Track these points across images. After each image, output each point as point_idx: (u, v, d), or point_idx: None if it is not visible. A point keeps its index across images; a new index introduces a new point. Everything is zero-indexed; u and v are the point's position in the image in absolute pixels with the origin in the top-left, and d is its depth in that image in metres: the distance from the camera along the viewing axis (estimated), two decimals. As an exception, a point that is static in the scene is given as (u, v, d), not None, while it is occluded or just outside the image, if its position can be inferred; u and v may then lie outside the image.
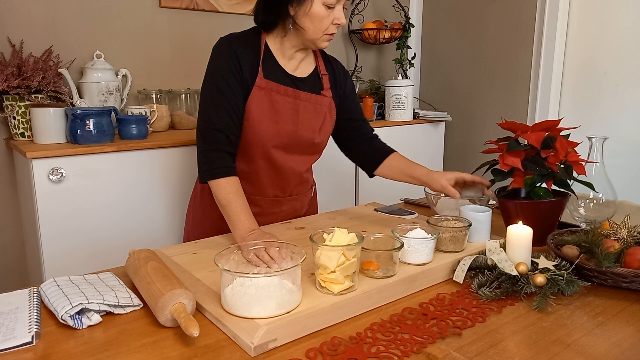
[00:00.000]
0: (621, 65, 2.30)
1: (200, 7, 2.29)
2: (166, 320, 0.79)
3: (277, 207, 1.38)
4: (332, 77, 1.36)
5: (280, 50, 1.27)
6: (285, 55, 1.27)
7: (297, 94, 1.27)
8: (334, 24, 1.20)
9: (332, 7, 1.17)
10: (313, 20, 1.18)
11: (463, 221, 1.08)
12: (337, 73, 1.38)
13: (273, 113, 1.25)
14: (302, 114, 1.28)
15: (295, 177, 1.36)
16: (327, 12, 1.17)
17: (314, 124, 1.31)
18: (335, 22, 1.19)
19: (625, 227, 1.04)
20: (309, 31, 1.20)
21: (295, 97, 1.27)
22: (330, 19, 1.18)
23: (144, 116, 1.89)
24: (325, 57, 1.38)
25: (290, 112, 1.26)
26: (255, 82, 1.22)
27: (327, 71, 1.36)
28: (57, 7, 1.98)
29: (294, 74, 1.29)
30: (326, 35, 1.21)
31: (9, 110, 1.81)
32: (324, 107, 1.32)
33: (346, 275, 0.86)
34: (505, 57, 2.69)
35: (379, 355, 0.72)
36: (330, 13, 1.18)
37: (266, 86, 1.23)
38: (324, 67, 1.35)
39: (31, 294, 0.90)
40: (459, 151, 3.01)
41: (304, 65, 1.31)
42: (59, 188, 1.64)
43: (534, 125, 1.15)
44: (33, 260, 1.84)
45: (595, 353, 0.73)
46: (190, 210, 1.47)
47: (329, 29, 1.20)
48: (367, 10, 2.89)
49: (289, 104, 1.26)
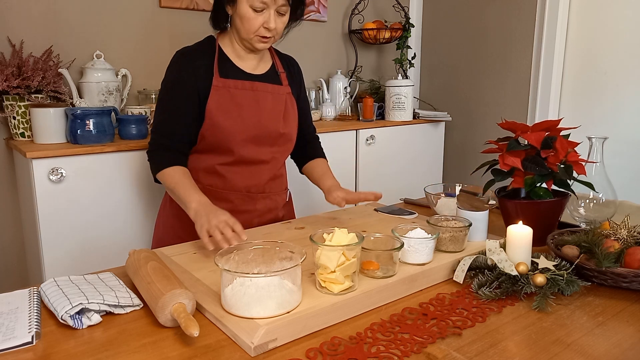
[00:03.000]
0: (621, 65, 2.30)
1: (200, 7, 2.29)
2: (166, 320, 0.79)
3: (250, 205, 1.39)
4: (289, 75, 1.42)
5: (233, 51, 1.33)
6: (239, 56, 1.34)
7: (255, 86, 1.32)
8: (263, 27, 1.24)
9: (260, 10, 1.22)
10: (242, 21, 1.24)
11: (463, 221, 1.08)
12: (294, 71, 1.45)
13: (235, 107, 1.30)
14: (263, 103, 1.33)
15: (267, 170, 1.39)
16: (255, 14, 1.22)
17: (276, 113, 1.36)
18: (265, 25, 1.24)
19: (625, 227, 1.04)
20: (240, 31, 1.27)
21: (253, 89, 1.32)
22: (260, 21, 1.23)
23: (144, 116, 1.89)
24: (280, 56, 1.44)
25: (251, 104, 1.31)
26: (212, 83, 1.28)
27: (284, 69, 1.42)
28: (57, 7, 1.98)
29: (251, 72, 1.35)
30: (258, 37, 1.26)
31: (9, 110, 1.81)
32: (283, 95, 1.38)
33: (346, 275, 0.86)
34: (505, 57, 2.69)
35: (379, 355, 0.72)
36: (259, 16, 1.22)
37: (223, 84, 1.29)
38: (281, 65, 1.42)
39: (31, 294, 0.90)
40: (459, 151, 3.01)
41: (260, 65, 1.37)
42: (59, 188, 1.64)
43: (534, 125, 1.15)
44: (33, 260, 1.84)
45: (595, 353, 0.73)
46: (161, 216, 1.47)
47: (260, 31, 1.24)
48: (367, 10, 2.89)
49: (248, 96, 1.31)
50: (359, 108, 2.63)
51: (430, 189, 1.35)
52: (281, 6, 1.23)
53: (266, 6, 1.22)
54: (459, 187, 1.37)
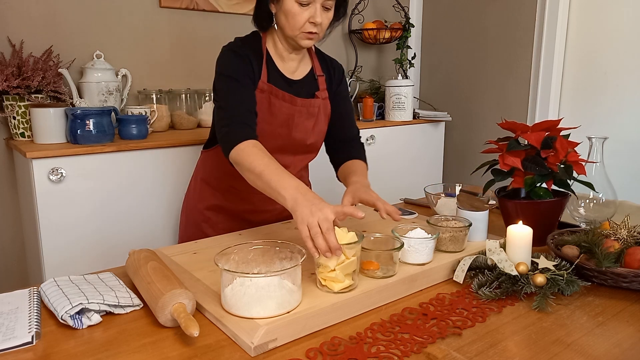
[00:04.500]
0: (621, 65, 2.30)
1: (200, 7, 2.29)
2: (166, 320, 0.79)
3: (270, 205, 1.38)
4: (328, 78, 1.38)
5: (276, 52, 1.30)
6: (281, 57, 1.30)
7: (294, 100, 1.29)
8: (309, 22, 1.19)
9: (305, 4, 1.17)
10: (287, 17, 1.19)
11: (463, 221, 1.08)
12: (334, 74, 1.40)
13: (269, 116, 1.27)
14: (297, 119, 1.30)
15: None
16: (300, 9, 1.17)
17: (307, 126, 1.33)
18: (311, 20, 1.19)
19: (625, 227, 1.04)
20: (285, 29, 1.22)
21: (292, 102, 1.29)
22: (305, 16, 1.18)
23: (144, 116, 1.89)
24: (321, 57, 1.40)
25: (285, 117, 1.28)
26: (258, 85, 1.24)
27: (324, 71, 1.37)
28: (57, 7, 1.98)
29: (291, 76, 1.31)
30: (303, 33, 1.21)
31: (9, 110, 1.81)
32: (317, 107, 1.34)
33: (346, 274, 0.86)
34: (505, 57, 2.69)
35: (379, 355, 0.72)
36: (304, 11, 1.18)
37: (267, 89, 1.25)
38: (320, 68, 1.37)
39: (31, 294, 0.90)
40: (459, 151, 3.01)
41: (300, 67, 1.34)
42: (59, 188, 1.64)
43: (534, 125, 1.15)
44: (33, 260, 1.84)
45: (595, 353, 0.73)
46: (184, 210, 1.49)
47: (305, 27, 1.20)
48: (367, 10, 2.89)
49: (285, 108, 1.28)
50: (359, 108, 2.63)
51: (430, 189, 1.35)
52: (327, 0, 1.19)
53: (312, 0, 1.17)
54: (459, 187, 1.37)
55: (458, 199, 1.25)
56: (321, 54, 1.41)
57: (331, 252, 0.85)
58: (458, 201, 1.22)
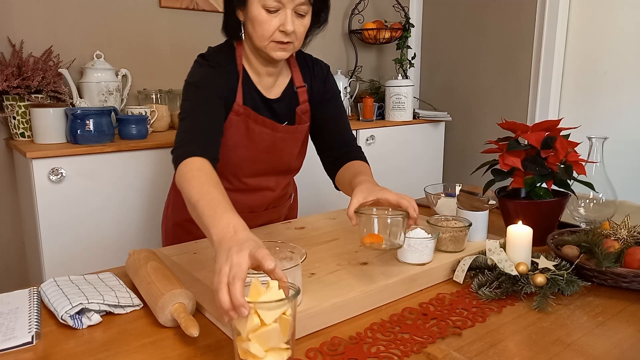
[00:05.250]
0: (621, 65, 2.30)
1: (200, 7, 2.29)
2: (166, 320, 0.79)
3: (253, 221, 1.29)
4: (310, 88, 1.25)
5: (250, 67, 1.17)
6: (256, 71, 1.18)
7: (276, 127, 1.19)
8: (279, 30, 1.06)
9: (274, 11, 1.05)
10: (254, 25, 1.07)
11: (463, 221, 1.08)
12: (319, 81, 1.26)
13: (248, 142, 1.18)
14: (280, 146, 1.21)
15: (272, 194, 1.32)
16: (268, 16, 1.05)
17: (292, 152, 1.25)
18: (281, 28, 1.06)
19: (625, 227, 1.04)
20: (253, 38, 1.09)
21: (274, 129, 1.19)
22: (274, 24, 1.05)
23: (144, 116, 1.89)
24: (303, 63, 1.25)
25: (267, 144, 1.19)
26: (233, 107, 1.14)
27: (305, 80, 1.24)
28: (57, 7, 1.98)
29: (269, 94, 1.20)
30: (274, 43, 1.08)
31: (9, 110, 1.81)
32: (302, 133, 1.25)
33: (268, 349, 0.62)
34: (505, 57, 2.69)
35: (379, 355, 0.72)
36: (273, 17, 1.05)
37: (244, 112, 1.15)
38: (301, 78, 1.24)
39: (31, 294, 0.90)
40: (459, 151, 3.01)
41: (278, 81, 1.21)
42: (59, 188, 1.64)
43: (534, 125, 1.15)
44: (33, 260, 1.84)
45: (595, 353, 0.73)
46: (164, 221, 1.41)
47: (275, 35, 1.06)
48: (367, 10, 2.89)
49: (266, 135, 1.18)
50: (359, 108, 2.63)
51: (430, 189, 1.35)
52: (300, 5, 1.05)
53: (281, 5, 1.04)
54: (459, 187, 1.37)
55: (458, 199, 1.25)
56: (303, 58, 1.26)
57: (234, 310, 0.62)
58: (458, 201, 1.22)
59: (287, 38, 1.07)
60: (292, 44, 1.09)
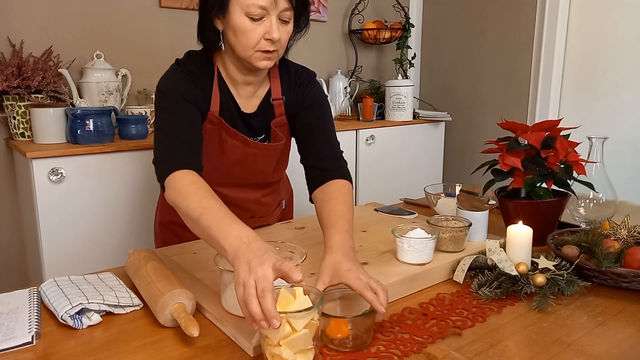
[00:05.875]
0: (621, 65, 2.30)
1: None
2: (166, 320, 0.79)
3: None
4: (289, 100, 1.18)
5: (228, 76, 1.13)
6: (234, 81, 1.13)
7: (247, 142, 1.15)
8: (265, 39, 1.01)
9: (258, 19, 0.99)
10: (237, 34, 1.01)
11: (463, 221, 1.08)
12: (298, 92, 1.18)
13: (220, 153, 1.15)
14: (252, 161, 1.18)
15: (251, 204, 1.28)
16: (252, 25, 0.99)
17: (266, 168, 1.22)
18: (267, 37, 1.00)
19: (625, 227, 1.04)
20: (237, 49, 1.04)
21: (245, 144, 1.15)
22: (259, 33, 1.00)
23: (144, 116, 1.89)
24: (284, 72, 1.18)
25: (238, 158, 1.16)
26: (207, 116, 1.10)
27: (284, 92, 1.17)
28: (57, 7, 1.98)
29: (245, 107, 1.15)
30: (259, 52, 1.02)
31: (9, 110, 1.81)
32: (277, 150, 1.20)
33: (298, 351, 0.66)
34: (505, 57, 2.69)
35: (379, 355, 0.72)
36: (257, 26, 0.99)
37: (218, 123, 1.11)
38: (280, 90, 1.17)
39: (31, 294, 0.90)
40: (459, 151, 3.01)
41: (257, 92, 1.17)
42: (59, 188, 1.64)
43: (534, 125, 1.15)
44: (33, 260, 1.84)
45: (595, 353, 0.73)
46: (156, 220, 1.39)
47: (260, 44, 1.01)
48: (367, 10, 2.89)
49: (238, 149, 1.15)
50: (359, 108, 2.63)
51: (430, 189, 1.35)
52: (284, 11, 1.00)
53: (266, 12, 0.99)
54: (459, 187, 1.37)
55: (458, 199, 1.25)
56: (286, 68, 1.19)
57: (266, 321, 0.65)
58: (458, 201, 1.22)
59: (273, 46, 1.02)
60: (276, 52, 1.04)
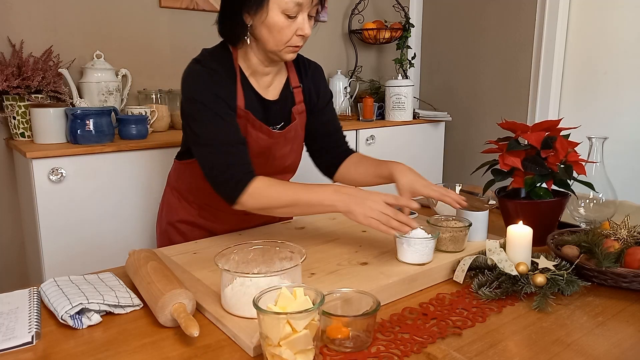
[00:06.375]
0: (621, 65, 2.30)
1: (200, 7, 2.29)
2: (166, 320, 0.79)
3: (245, 223, 1.30)
4: (306, 88, 1.25)
5: (248, 68, 1.16)
6: (254, 72, 1.17)
7: (271, 134, 1.18)
8: (297, 35, 1.07)
9: (293, 16, 1.04)
10: (271, 30, 1.05)
11: (463, 221, 1.08)
12: (311, 82, 1.27)
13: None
14: (274, 149, 1.22)
15: None
16: (288, 21, 1.04)
17: (284, 152, 1.25)
18: (299, 32, 1.06)
19: (625, 227, 1.04)
20: (268, 43, 1.08)
21: (269, 135, 1.19)
22: (292, 29, 1.05)
23: (144, 116, 1.89)
24: (297, 63, 1.26)
25: (262, 149, 1.19)
26: (237, 110, 1.13)
27: (301, 81, 1.24)
28: (57, 7, 1.98)
29: (266, 95, 1.19)
30: (289, 47, 1.08)
31: (9, 110, 1.81)
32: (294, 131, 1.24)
33: (298, 351, 0.66)
34: (505, 57, 2.69)
35: (379, 355, 0.72)
36: (292, 23, 1.05)
37: (244, 116, 1.13)
38: (297, 78, 1.24)
39: (31, 294, 0.90)
40: (459, 151, 3.01)
41: (274, 82, 1.21)
42: (59, 188, 1.64)
43: (534, 125, 1.15)
44: (33, 260, 1.84)
45: (595, 353, 0.73)
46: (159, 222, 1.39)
47: (292, 40, 1.07)
48: (367, 10, 2.89)
49: (262, 141, 1.18)
50: (359, 108, 2.63)
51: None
52: (314, 6, 1.06)
53: (300, 9, 1.04)
54: (459, 187, 1.37)
55: None
56: (296, 58, 1.25)
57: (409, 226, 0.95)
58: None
59: (303, 41, 1.09)
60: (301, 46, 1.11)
